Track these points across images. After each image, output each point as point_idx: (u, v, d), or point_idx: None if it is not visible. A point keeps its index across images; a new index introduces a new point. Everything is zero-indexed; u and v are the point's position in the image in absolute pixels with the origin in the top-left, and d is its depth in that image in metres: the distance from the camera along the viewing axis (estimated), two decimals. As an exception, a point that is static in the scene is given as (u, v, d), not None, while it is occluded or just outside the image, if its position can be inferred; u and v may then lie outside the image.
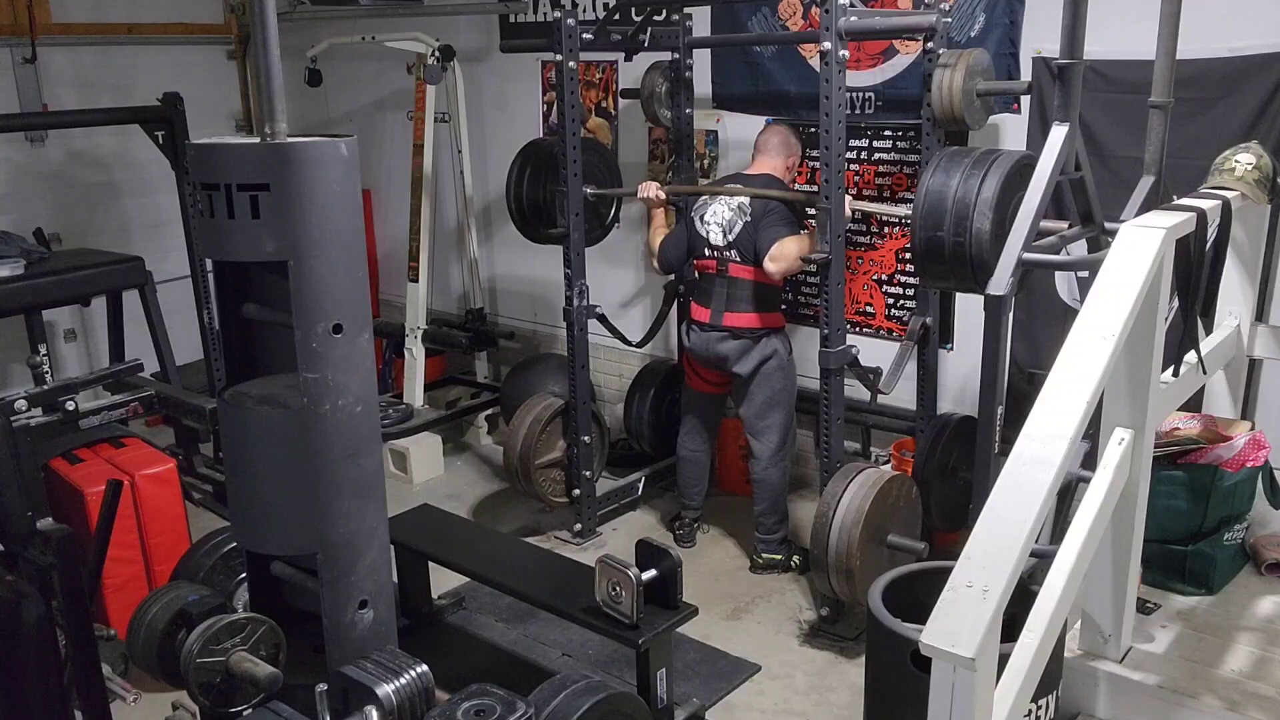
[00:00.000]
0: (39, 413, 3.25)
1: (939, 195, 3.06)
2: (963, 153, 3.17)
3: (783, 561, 4.17)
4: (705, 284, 4.19)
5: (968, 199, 3.01)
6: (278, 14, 2.05)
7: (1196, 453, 3.04)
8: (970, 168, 3.06)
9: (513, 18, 5.56)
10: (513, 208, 4.71)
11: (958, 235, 3.03)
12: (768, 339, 4.09)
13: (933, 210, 3.07)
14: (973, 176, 3.04)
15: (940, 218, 3.05)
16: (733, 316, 4.08)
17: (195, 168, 2.05)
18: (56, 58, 5.77)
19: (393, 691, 2.08)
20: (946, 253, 3.07)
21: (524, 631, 3.79)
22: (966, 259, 3.04)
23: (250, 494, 2.22)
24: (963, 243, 3.03)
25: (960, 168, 3.07)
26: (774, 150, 4.14)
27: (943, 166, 3.11)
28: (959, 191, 3.03)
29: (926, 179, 3.11)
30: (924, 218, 3.09)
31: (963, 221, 3.02)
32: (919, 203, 3.11)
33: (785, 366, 4.13)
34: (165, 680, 2.42)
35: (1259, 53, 3.42)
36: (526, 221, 4.73)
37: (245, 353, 2.40)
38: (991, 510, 1.93)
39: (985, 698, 1.81)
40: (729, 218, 4.06)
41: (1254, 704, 2.58)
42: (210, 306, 4.95)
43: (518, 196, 4.66)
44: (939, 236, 3.06)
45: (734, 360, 4.11)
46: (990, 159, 3.07)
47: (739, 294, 4.08)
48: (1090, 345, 2.19)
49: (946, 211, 3.04)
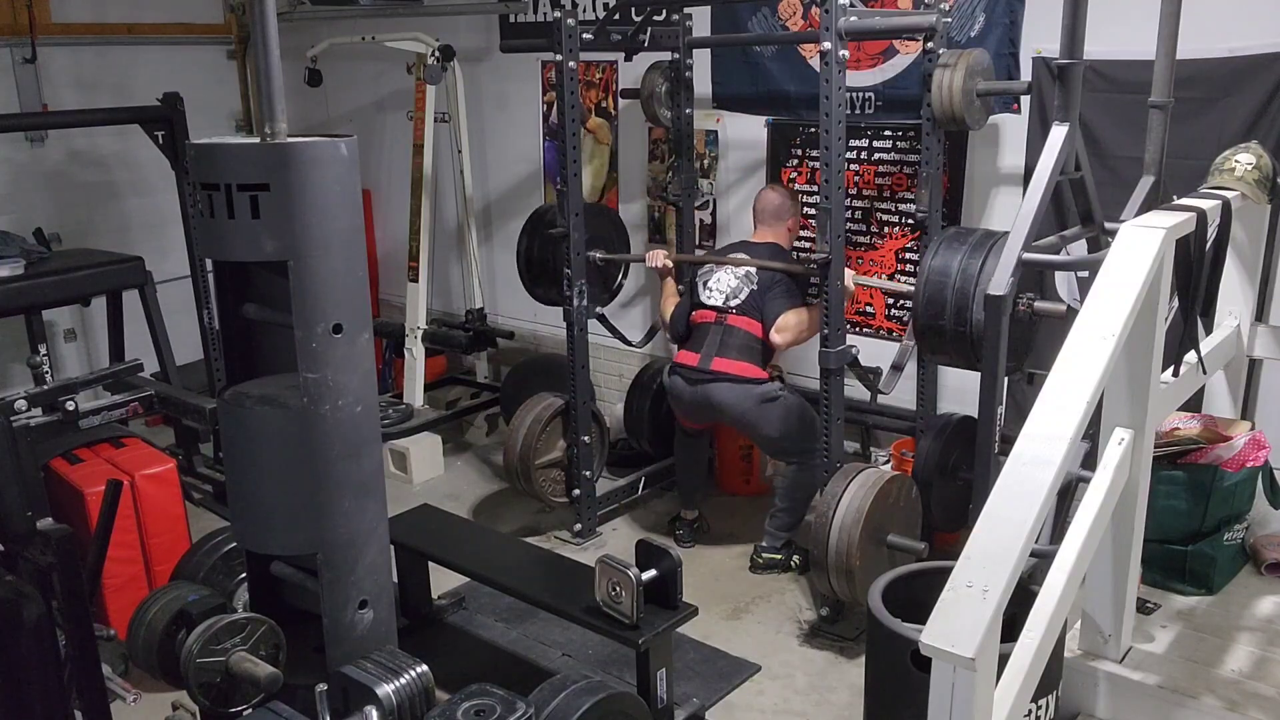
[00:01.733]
0: (39, 413, 3.25)
1: (939, 282, 3.16)
2: (961, 236, 3.24)
3: (783, 561, 4.17)
4: (699, 333, 4.13)
5: (967, 287, 3.11)
6: (278, 14, 2.05)
7: (1196, 453, 3.04)
8: (969, 253, 3.14)
9: (513, 18, 5.56)
10: (522, 270, 4.71)
11: (959, 323, 3.13)
12: (759, 385, 3.98)
13: (934, 298, 3.17)
14: (971, 262, 3.12)
15: (941, 304, 3.16)
16: (722, 362, 3.99)
17: (195, 168, 2.05)
18: (56, 58, 5.76)
19: (393, 691, 2.08)
20: (948, 336, 3.18)
21: (524, 631, 3.79)
22: (967, 341, 3.14)
23: (250, 494, 2.22)
24: (964, 330, 3.13)
25: (959, 253, 3.16)
26: (773, 216, 4.20)
27: (942, 251, 3.20)
28: (958, 279, 3.13)
29: (928, 262, 3.21)
30: (926, 304, 3.19)
31: (963, 309, 3.12)
32: (920, 287, 3.20)
33: (786, 400, 4.00)
34: (165, 680, 2.43)
35: (1259, 53, 3.42)
36: (535, 284, 4.72)
37: (245, 353, 2.40)
38: (991, 510, 1.93)
39: (985, 698, 1.81)
40: (735, 285, 4.07)
41: (1254, 704, 2.58)
42: (210, 306, 4.94)
43: (527, 260, 4.65)
44: (940, 323, 3.16)
45: (725, 408, 3.99)
46: (989, 243, 3.12)
47: (733, 341, 4.01)
48: (1090, 345, 2.19)
49: (947, 300, 3.15)
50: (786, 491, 4.11)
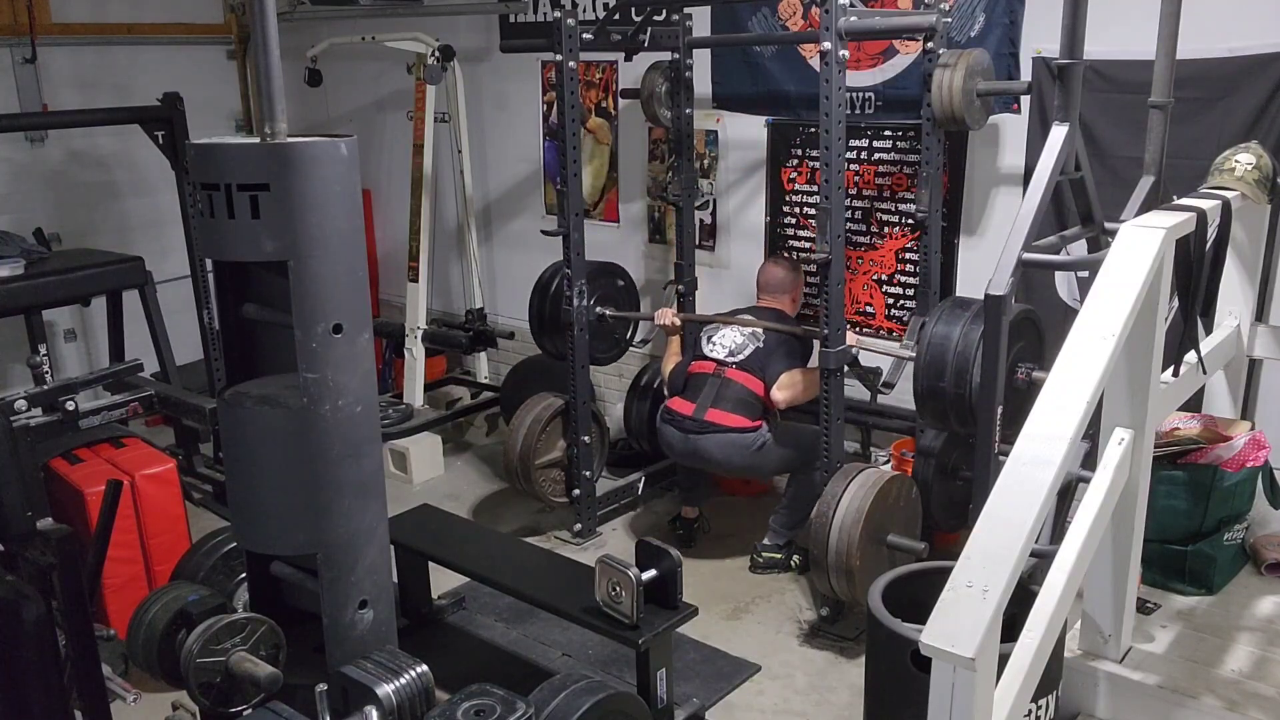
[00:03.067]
0: (39, 413, 3.25)
1: (940, 347, 3.23)
2: (962, 304, 3.31)
3: (783, 561, 4.17)
4: (695, 382, 4.11)
5: (968, 353, 3.17)
6: (278, 14, 2.05)
7: (1196, 453, 3.04)
8: (970, 321, 3.20)
9: (513, 18, 5.56)
10: (534, 327, 4.70)
11: (958, 388, 3.20)
12: (750, 434, 3.96)
13: (934, 362, 3.25)
14: (972, 330, 3.18)
15: (941, 369, 3.23)
16: (716, 414, 3.97)
17: (195, 168, 2.05)
18: (56, 58, 5.76)
19: (393, 691, 2.08)
20: (947, 402, 3.24)
21: (524, 631, 3.78)
22: (966, 409, 3.20)
23: (250, 494, 2.22)
24: (963, 394, 3.19)
25: (960, 321, 3.23)
26: (777, 288, 4.26)
27: (944, 319, 3.28)
28: (959, 345, 3.20)
29: (930, 330, 3.28)
30: (926, 369, 3.26)
31: (963, 374, 3.18)
32: (921, 353, 3.28)
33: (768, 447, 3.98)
34: (165, 680, 2.42)
35: (1259, 53, 3.42)
36: (547, 337, 4.70)
37: (245, 353, 2.40)
38: (991, 510, 1.93)
39: (985, 698, 1.81)
40: (740, 342, 4.09)
41: (1254, 704, 2.58)
42: (210, 306, 4.94)
43: (540, 317, 4.64)
44: (941, 387, 3.23)
45: (716, 461, 4.00)
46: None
47: (729, 394, 4.00)
48: (1090, 345, 2.19)
49: (947, 365, 3.22)
50: (794, 492, 4.13)
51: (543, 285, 4.64)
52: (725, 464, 4.06)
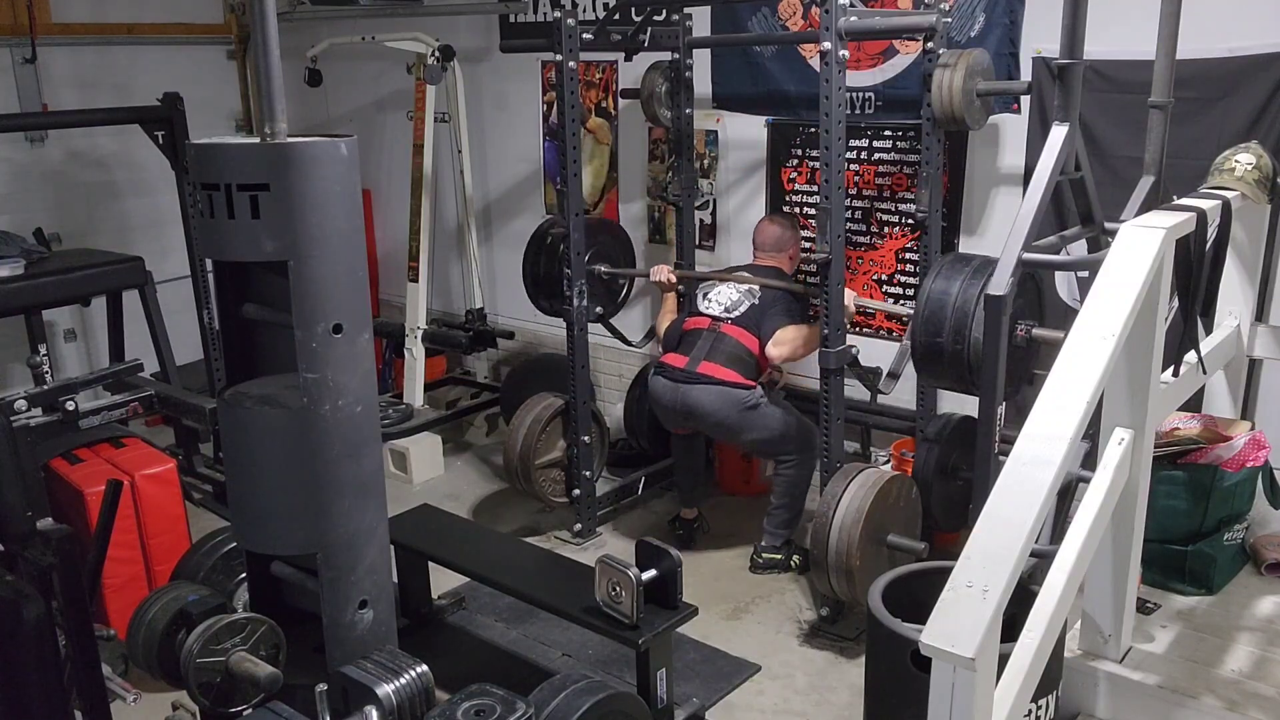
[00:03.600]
0: (39, 413, 3.25)
1: (939, 303, 3.16)
2: (962, 260, 3.25)
3: (783, 561, 4.17)
4: (690, 337, 4.11)
5: (966, 308, 3.10)
6: (278, 14, 2.05)
7: (1196, 453, 3.04)
8: (970, 276, 3.15)
9: (513, 18, 5.56)
10: (528, 284, 4.71)
11: (956, 343, 3.13)
12: (742, 391, 3.94)
13: (933, 317, 3.17)
14: (972, 285, 3.12)
15: (940, 325, 3.16)
16: (709, 366, 3.96)
17: (195, 168, 2.05)
18: (56, 58, 5.76)
19: (393, 691, 2.08)
20: (945, 358, 3.17)
21: (524, 631, 3.79)
22: (964, 365, 3.14)
23: (250, 494, 2.22)
24: (961, 349, 3.12)
25: (960, 276, 3.16)
26: (774, 246, 4.23)
27: (943, 274, 3.20)
28: (958, 300, 3.13)
29: (928, 284, 3.20)
30: (924, 324, 3.19)
31: (961, 330, 3.12)
32: (920, 308, 3.21)
33: (764, 409, 3.96)
34: (165, 680, 2.42)
35: (1259, 53, 3.42)
36: (541, 295, 4.72)
37: (245, 353, 2.40)
38: (991, 510, 1.93)
39: (985, 698, 1.81)
40: (735, 299, 4.08)
41: (1254, 704, 2.58)
42: (210, 306, 4.94)
43: (534, 276, 4.66)
44: (938, 343, 3.16)
45: (704, 414, 3.95)
46: (989, 268, 3.11)
47: (723, 348, 3.99)
48: (1090, 345, 2.19)
49: (946, 319, 3.14)
50: (782, 490, 4.11)
51: (537, 239, 4.64)
52: (713, 416, 3.96)
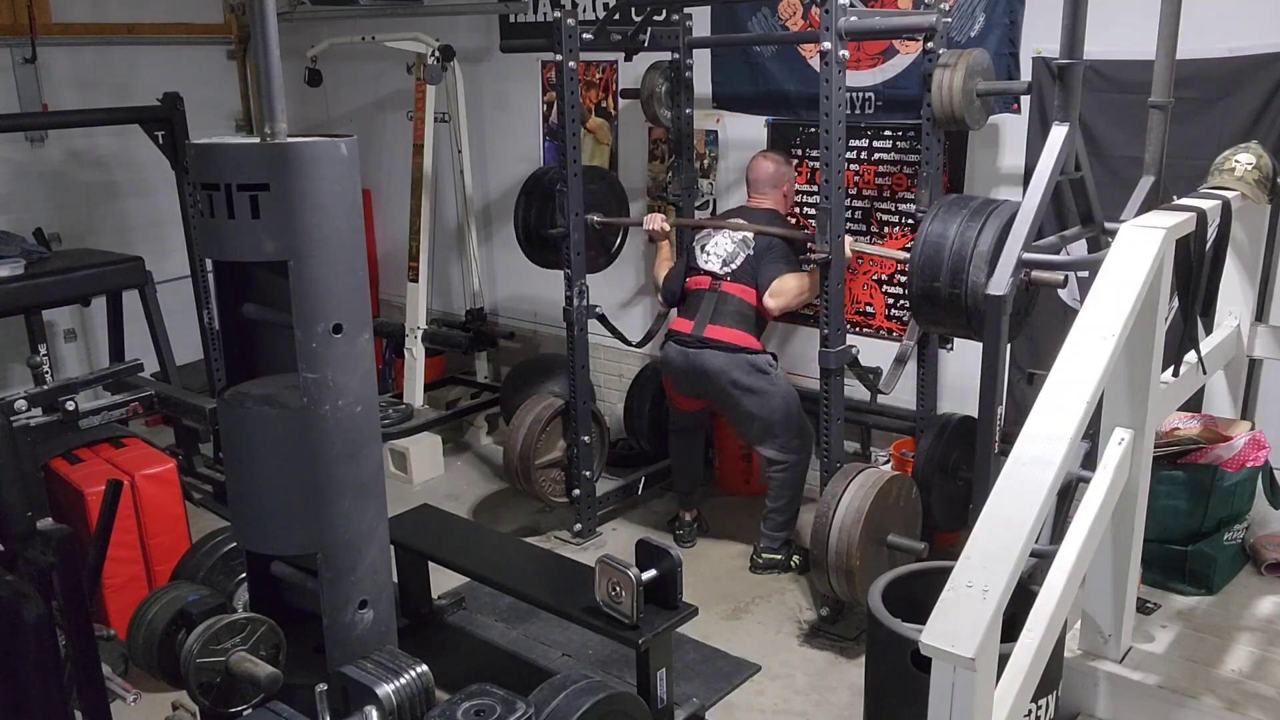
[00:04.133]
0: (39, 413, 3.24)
1: (936, 245, 3.12)
2: (961, 202, 3.21)
3: (783, 561, 4.17)
4: (693, 299, 4.14)
5: (964, 250, 3.07)
6: (278, 14, 2.05)
7: (1196, 453, 3.04)
8: (968, 218, 3.11)
9: (513, 18, 5.56)
10: (520, 236, 4.72)
11: (954, 286, 3.09)
12: (751, 354, 3.99)
13: (930, 260, 3.13)
14: (970, 227, 3.09)
15: (937, 268, 3.12)
16: (716, 329, 4.00)
17: (195, 168, 2.05)
18: (56, 58, 5.76)
19: (393, 691, 2.08)
20: (942, 301, 3.14)
21: (524, 631, 3.78)
22: (962, 308, 3.11)
23: (250, 494, 2.22)
24: (959, 293, 3.09)
25: (958, 218, 3.12)
26: (768, 183, 4.19)
27: (941, 215, 3.16)
28: (956, 242, 3.09)
29: (925, 227, 3.16)
30: (921, 267, 3.15)
31: (959, 273, 3.08)
32: (917, 251, 3.17)
33: (775, 380, 4.01)
34: (165, 680, 2.42)
35: (1259, 53, 3.42)
36: (533, 248, 4.73)
37: (245, 353, 2.40)
38: (991, 510, 1.93)
39: (985, 698, 1.81)
40: (731, 250, 4.07)
41: (1254, 704, 2.58)
42: (210, 306, 4.94)
43: (525, 226, 4.66)
44: (935, 286, 3.12)
45: (715, 374, 3.97)
46: (988, 209, 3.10)
47: (726, 309, 4.02)
48: (1090, 345, 2.19)
49: (943, 262, 3.11)
50: (776, 493, 4.12)
51: (528, 189, 4.65)
52: (726, 374, 3.95)
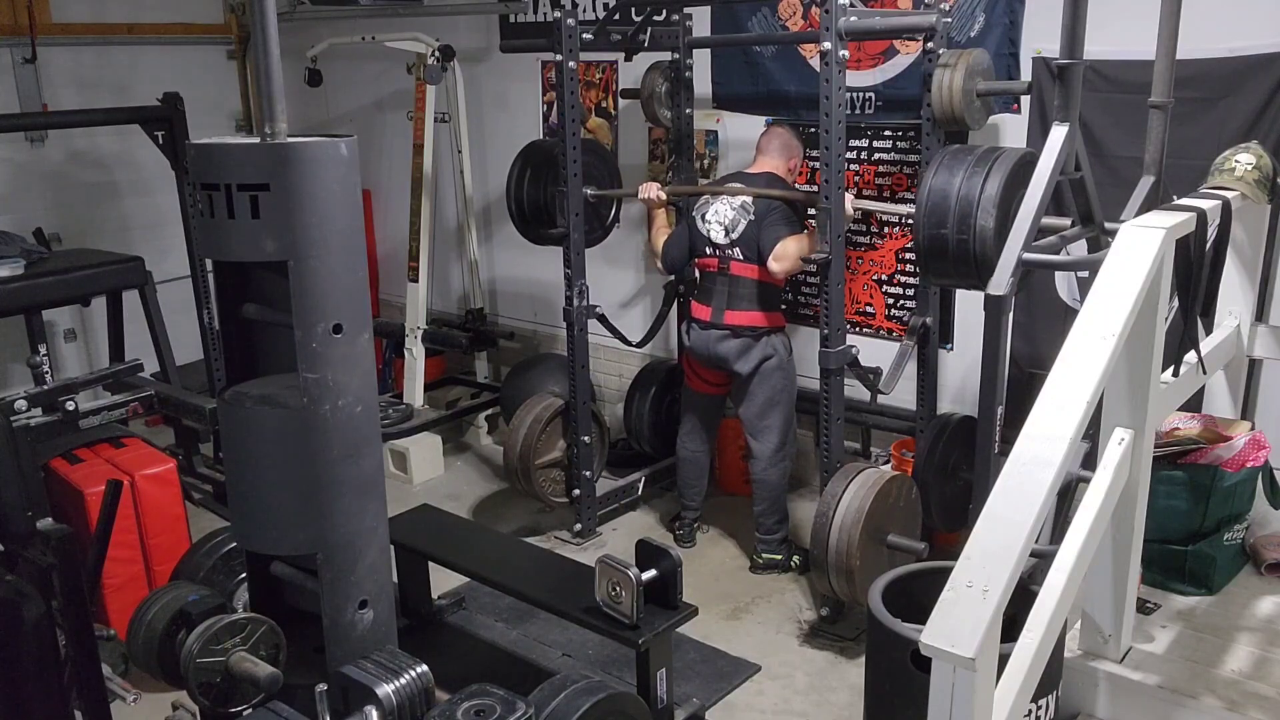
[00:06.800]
0: (39, 413, 3.25)
1: (942, 193, 3.06)
2: (966, 150, 3.17)
3: (783, 561, 4.17)
4: (707, 282, 4.19)
5: (971, 197, 3.02)
6: (278, 14, 2.05)
7: (1196, 453, 3.04)
8: (973, 165, 3.06)
9: (513, 18, 5.56)
10: (513, 209, 4.72)
11: (961, 233, 3.04)
12: (768, 338, 4.09)
13: (936, 208, 3.07)
14: (976, 175, 3.04)
15: (944, 216, 3.06)
16: (734, 315, 4.08)
17: (195, 168, 2.05)
18: (56, 58, 5.76)
19: (393, 691, 2.08)
20: (950, 251, 3.07)
21: (524, 631, 3.79)
22: (970, 257, 3.05)
23: (250, 494, 2.22)
24: (966, 240, 3.03)
25: (963, 166, 3.07)
26: (776, 151, 4.16)
27: (946, 165, 3.10)
28: (962, 190, 3.04)
29: (930, 177, 3.11)
30: (928, 216, 3.09)
31: (966, 220, 3.03)
32: (922, 201, 3.11)
33: (785, 366, 4.13)
34: (165, 680, 2.42)
35: (1259, 53, 3.42)
36: (527, 222, 4.74)
37: (245, 353, 2.40)
38: (991, 510, 1.93)
39: (985, 698, 1.81)
40: (732, 216, 4.06)
41: (1254, 704, 2.58)
42: (210, 306, 4.95)
43: (518, 198, 4.67)
44: (942, 234, 3.06)
45: (734, 359, 4.10)
46: (993, 157, 3.07)
47: (741, 292, 4.08)
48: (1090, 345, 2.19)
49: (950, 210, 3.05)
50: (760, 495, 4.17)
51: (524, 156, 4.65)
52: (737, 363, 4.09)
